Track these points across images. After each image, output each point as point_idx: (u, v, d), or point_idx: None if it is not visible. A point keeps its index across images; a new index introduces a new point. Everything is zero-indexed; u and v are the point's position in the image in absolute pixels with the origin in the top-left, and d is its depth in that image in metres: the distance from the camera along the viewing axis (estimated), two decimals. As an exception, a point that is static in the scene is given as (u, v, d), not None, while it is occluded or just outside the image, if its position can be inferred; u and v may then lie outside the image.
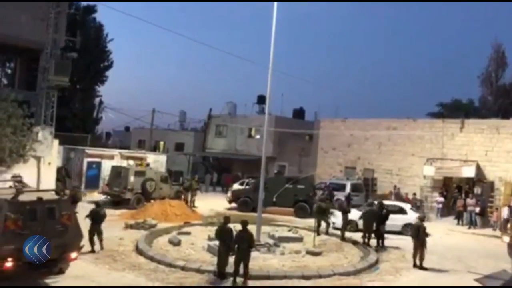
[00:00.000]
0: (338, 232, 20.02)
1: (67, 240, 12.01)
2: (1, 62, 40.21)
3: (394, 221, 20.79)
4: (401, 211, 22.33)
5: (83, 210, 16.42)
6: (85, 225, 14.16)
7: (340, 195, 28.79)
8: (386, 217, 19.08)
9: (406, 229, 20.98)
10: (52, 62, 26.11)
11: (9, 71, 40.13)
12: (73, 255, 12.24)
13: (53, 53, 26.38)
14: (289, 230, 20.26)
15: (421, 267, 15.66)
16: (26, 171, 21.40)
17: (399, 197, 28.50)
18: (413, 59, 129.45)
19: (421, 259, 15.84)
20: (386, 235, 19.18)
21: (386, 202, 21.46)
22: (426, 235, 16.08)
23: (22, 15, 26.06)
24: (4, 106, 20.94)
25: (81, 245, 12.66)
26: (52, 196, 12.52)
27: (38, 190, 14.23)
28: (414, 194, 29.60)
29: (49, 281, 11.97)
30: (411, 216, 21.40)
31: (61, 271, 12.26)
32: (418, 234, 15.88)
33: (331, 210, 21.86)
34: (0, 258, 10.78)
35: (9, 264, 10.76)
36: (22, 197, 11.65)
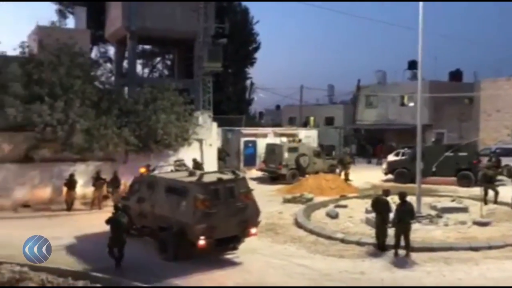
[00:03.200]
0: (509, 201, 18.40)
1: (247, 216, 12.82)
2: (161, 54, 44.04)
3: None
4: None
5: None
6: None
7: (509, 161, 26.37)
8: None
9: None
10: (205, 50, 27.74)
11: (168, 62, 43.80)
12: (253, 230, 13.02)
13: (205, 41, 27.99)
14: (452, 200, 19.19)
15: None
16: (190, 153, 23.33)
17: None
18: None
19: None
20: None
21: None
22: None
23: (175, 8, 28.05)
24: (167, 95, 22.84)
25: (259, 220, 13.37)
26: (230, 176, 13.34)
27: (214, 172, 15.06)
28: None
29: (229, 256, 12.84)
30: None
31: (235, 247, 13.12)
32: None
33: (499, 177, 20.12)
34: (194, 236, 11.90)
35: (202, 242, 11.84)
36: (205, 179, 12.62)
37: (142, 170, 14.79)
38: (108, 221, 12.00)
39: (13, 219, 17.95)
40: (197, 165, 22.02)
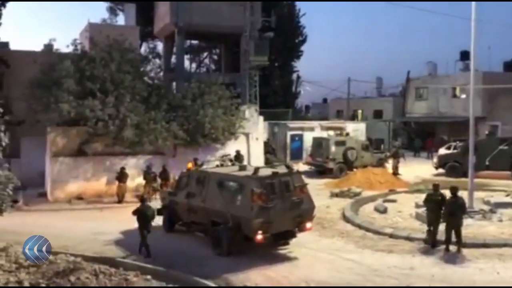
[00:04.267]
0: None
1: (303, 210, 12.75)
2: (208, 49, 44.47)
3: None
4: None
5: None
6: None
7: None
8: None
9: None
10: (251, 44, 27.79)
11: (215, 57, 44.17)
12: (308, 225, 12.96)
13: (251, 35, 28.03)
14: (507, 195, 18.53)
15: None
16: (237, 147, 23.50)
17: None
18: None
19: None
20: None
21: None
22: None
23: (222, 4, 28.23)
24: (214, 89, 23.09)
25: (314, 214, 13.31)
26: (285, 170, 13.26)
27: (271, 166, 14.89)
28: None
29: (278, 251, 12.85)
30: None
31: (286, 242, 13.08)
32: None
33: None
34: (251, 231, 11.90)
35: (259, 236, 11.82)
36: (261, 173, 12.57)
37: (190, 165, 14.96)
38: (134, 213, 12.59)
39: (67, 211, 18.69)
40: (239, 157, 22.08)
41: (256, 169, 12.76)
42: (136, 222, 12.62)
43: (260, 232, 11.75)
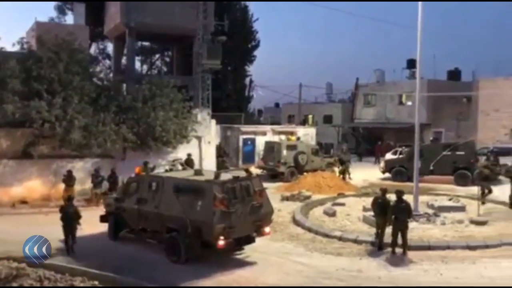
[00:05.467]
0: (507, 200, 18.45)
1: (262, 215, 12.69)
2: (160, 51, 43.97)
3: None
4: None
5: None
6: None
7: (507, 161, 26.41)
8: None
9: None
10: (204, 47, 27.69)
11: (167, 59, 43.72)
12: (267, 229, 12.92)
13: (204, 39, 27.93)
14: (450, 199, 19.24)
15: None
16: (189, 151, 23.33)
17: None
18: None
19: None
20: None
21: None
22: None
23: (175, 5, 27.99)
24: (166, 92, 22.83)
25: (272, 219, 13.27)
26: (244, 174, 13.12)
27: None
28: None
29: (234, 256, 12.78)
30: None
31: (241, 247, 12.96)
32: None
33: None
34: (213, 236, 11.64)
35: (221, 242, 11.62)
36: (222, 177, 12.39)
37: (138, 169, 14.54)
38: (60, 211, 13.09)
39: (10, 215, 17.97)
40: (189, 161, 21.77)
41: (217, 174, 12.64)
42: (83, 226, 12.35)
43: (221, 237, 11.59)
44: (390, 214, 12.90)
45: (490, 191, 19.23)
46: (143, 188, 13.43)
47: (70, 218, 12.95)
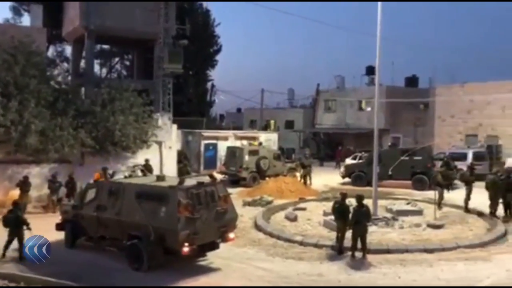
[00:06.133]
0: (462, 204, 18.98)
1: (227, 221, 12.57)
2: (120, 54, 43.35)
3: None
4: None
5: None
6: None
7: (461, 165, 27.22)
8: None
9: None
10: (165, 51, 27.46)
11: (127, 63, 43.17)
12: (231, 235, 12.81)
13: (166, 42, 27.71)
14: (408, 203, 19.64)
15: None
16: (149, 156, 23.02)
17: None
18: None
19: None
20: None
21: None
22: None
23: (135, 9, 27.66)
24: (126, 96, 22.49)
25: (236, 224, 13.17)
26: (208, 179, 12.98)
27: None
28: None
29: (195, 263, 12.60)
30: None
31: (205, 254, 12.79)
32: None
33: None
34: (177, 243, 11.41)
35: (186, 249, 11.41)
36: (187, 183, 12.21)
37: (97, 175, 14.19)
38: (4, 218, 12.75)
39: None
40: (148, 166, 21.39)
41: (182, 179, 12.47)
42: (40, 234, 11.98)
43: (186, 244, 11.40)
44: (351, 219, 13.08)
45: (441, 197, 19.34)
46: (103, 195, 13.11)
47: (12, 224, 12.56)
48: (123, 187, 12.84)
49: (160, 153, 24.78)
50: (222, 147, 30.76)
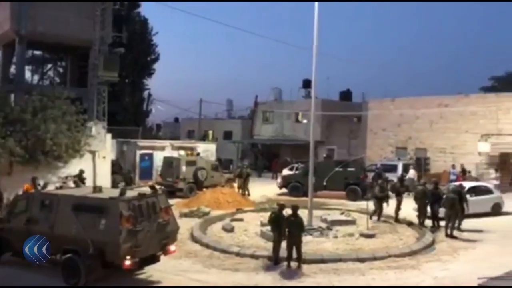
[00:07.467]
0: (392, 214, 19.66)
1: (169, 233, 12.35)
2: (53, 61, 41.77)
3: (484, 202, 20.92)
4: (488, 191, 21.84)
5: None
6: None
7: (392, 176, 28.25)
8: (440, 197, 18.57)
9: (496, 209, 21.24)
10: (100, 58, 26.76)
11: (60, 70, 41.67)
12: (172, 247, 12.59)
13: (101, 50, 27.03)
14: (342, 213, 20.14)
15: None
16: (82, 166, 22.28)
17: (466, 176, 27.54)
18: (461, 32, 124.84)
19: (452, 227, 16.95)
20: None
21: (471, 184, 21.91)
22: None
23: (70, 14, 26.81)
24: (58, 104, 21.76)
25: (177, 237, 12.94)
26: (149, 191, 12.73)
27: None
28: (469, 171, 28.59)
29: (140, 277, 12.32)
30: (497, 195, 21.74)
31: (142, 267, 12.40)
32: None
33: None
34: (118, 257, 11.02)
35: (128, 262, 11.05)
36: (128, 194, 11.88)
37: (27, 186, 13.51)
38: None
39: None
40: (81, 177, 20.62)
41: (123, 190, 12.13)
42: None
43: (128, 257, 11.04)
44: (284, 229, 13.24)
45: (381, 210, 19.81)
46: (34, 207, 12.47)
47: None
48: (57, 198, 12.30)
49: (94, 163, 24.04)
50: (158, 157, 30.26)
